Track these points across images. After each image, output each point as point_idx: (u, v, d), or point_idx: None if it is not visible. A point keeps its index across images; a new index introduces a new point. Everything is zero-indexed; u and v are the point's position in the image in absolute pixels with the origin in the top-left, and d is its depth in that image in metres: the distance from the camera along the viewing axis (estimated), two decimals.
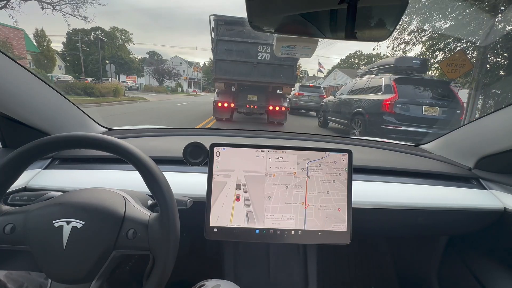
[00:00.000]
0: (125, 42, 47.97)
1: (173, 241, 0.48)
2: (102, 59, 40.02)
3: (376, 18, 0.58)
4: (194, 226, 0.70)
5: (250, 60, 6.06)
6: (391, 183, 0.86)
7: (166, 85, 40.79)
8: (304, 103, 10.46)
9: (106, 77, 25.83)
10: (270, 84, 6.49)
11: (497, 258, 0.90)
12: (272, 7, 0.55)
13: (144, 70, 47.33)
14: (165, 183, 0.50)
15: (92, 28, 44.37)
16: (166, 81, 41.64)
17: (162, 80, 41.09)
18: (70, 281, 0.47)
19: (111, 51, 43.13)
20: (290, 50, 0.70)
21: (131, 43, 49.16)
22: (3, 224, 0.46)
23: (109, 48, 43.30)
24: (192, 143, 0.67)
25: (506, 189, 0.85)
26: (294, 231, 0.64)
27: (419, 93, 4.48)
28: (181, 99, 19.79)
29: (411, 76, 4.90)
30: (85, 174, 0.79)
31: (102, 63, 38.20)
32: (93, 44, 41.47)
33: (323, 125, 7.58)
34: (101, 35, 43.58)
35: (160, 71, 40.88)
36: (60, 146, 0.49)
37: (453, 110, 4.35)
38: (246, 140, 1.12)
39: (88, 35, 43.49)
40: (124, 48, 47.22)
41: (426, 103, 4.30)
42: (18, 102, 0.72)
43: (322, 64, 34.62)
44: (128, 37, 48.28)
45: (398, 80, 4.53)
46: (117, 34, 47.12)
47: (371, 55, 59.80)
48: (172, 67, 43.93)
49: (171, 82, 42.43)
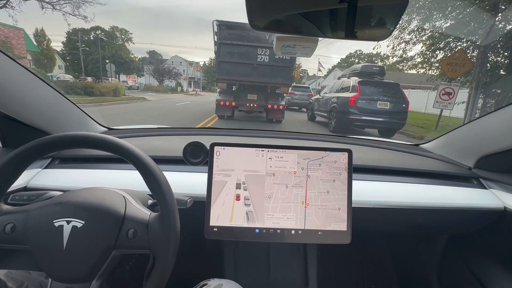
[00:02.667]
0: (125, 41, 47.62)
1: (173, 240, 0.48)
2: (102, 58, 39.41)
3: (376, 17, 0.58)
4: (194, 226, 0.70)
5: (250, 62, 6.60)
6: (391, 182, 0.86)
7: (166, 84, 39.91)
8: (296, 101, 12.38)
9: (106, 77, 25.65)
10: (269, 84, 7.03)
11: (497, 257, 0.90)
12: (272, 6, 0.55)
13: (144, 69, 46.99)
14: (165, 183, 0.50)
15: (92, 27, 44.15)
16: (166, 81, 40.90)
17: (162, 79, 40.35)
18: (70, 280, 0.47)
19: (111, 51, 42.78)
20: (290, 49, 0.70)
21: (131, 43, 48.94)
22: (4, 224, 0.46)
23: (109, 47, 42.98)
24: (192, 143, 0.67)
25: (506, 188, 0.85)
26: (294, 231, 0.64)
27: (375, 92, 6.06)
28: (181, 98, 19.69)
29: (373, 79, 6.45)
30: (85, 174, 0.79)
31: (102, 62, 37.59)
32: (93, 44, 41.10)
33: (311, 119, 8.99)
34: (101, 35, 43.20)
35: (160, 70, 40.24)
36: (60, 146, 0.49)
37: (400, 104, 5.92)
38: (246, 140, 1.12)
39: (88, 35, 43.19)
40: (124, 47, 46.81)
41: (380, 99, 5.91)
42: (18, 101, 0.72)
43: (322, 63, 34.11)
44: (128, 36, 48.01)
45: (361, 82, 6.10)
46: (117, 33, 46.71)
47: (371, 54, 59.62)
48: (172, 66, 43.64)
49: (171, 81, 41.74)
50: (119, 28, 47.56)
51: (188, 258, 1.18)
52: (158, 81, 39.79)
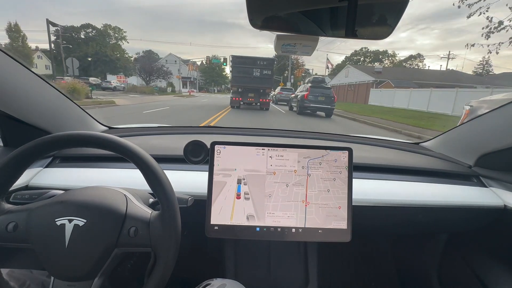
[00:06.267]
0: (119, 40, 45.10)
1: (174, 239, 0.48)
2: (84, 56, 36.74)
3: (377, 16, 0.58)
4: (195, 224, 0.71)
5: (249, 76, 12.16)
6: (391, 180, 0.86)
7: (154, 84, 34.88)
8: (283, 98, 19.20)
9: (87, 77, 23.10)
10: (260, 87, 12.41)
11: (497, 255, 0.91)
12: (272, 5, 0.55)
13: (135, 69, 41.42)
14: (167, 181, 0.50)
15: (82, 25, 41.60)
16: (155, 81, 35.71)
17: (150, 79, 34.96)
18: (72, 278, 0.48)
19: (95, 48, 39.72)
20: (290, 48, 0.70)
21: (125, 41, 46.27)
22: (6, 222, 0.46)
23: (93, 44, 39.89)
24: (192, 141, 0.67)
25: (506, 186, 0.85)
26: (294, 229, 0.65)
27: (318, 91, 10.95)
28: (163, 102, 16.30)
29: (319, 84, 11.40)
30: (86, 173, 0.79)
31: (84, 60, 34.94)
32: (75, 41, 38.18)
33: (290, 109, 14.19)
34: (92, 33, 40.78)
35: (146, 69, 34.63)
36: (62, 145, 0.49)
37: (331, 98, 10.99)
38: (246, 138, 1.12)
39: (77, 33, 40.82)
40: (118, 46, 44.33)
41: (320, 95, 10.89)
42: (19, 100, 0.73)
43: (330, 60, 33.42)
44: (121, 35, 45.48)
45: (311, 86, 11.07)
46: (110, 32, 44.32)
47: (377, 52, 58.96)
48: (161, 64, 38.32)
49: (161, 81, 36.63)
50: (112, 26, 45.05)
51: (189, 256, 1.19)
52: (145, 81, 34.96)
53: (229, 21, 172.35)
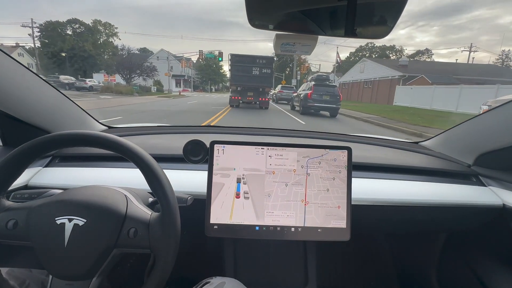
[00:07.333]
0: (110, 36, 41.37)
1: (173, 240, 0.48)
2: (59, 51, 33.23)
3: (376, 15, 0.58)
4: (195, 223, 0.71)
5: (248, 74, 11.91)
6: (390, 180, 0.86)
7: (135, 83, 28.53)
8: (284, 97, 18.54)
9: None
10: (259, 86, 12.17)
11: (495, 254, 0.91)
12: (271, 4, 0.55)
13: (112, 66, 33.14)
14: (166, 181, 0.50)
15: (68, 20, 37.41)
16: (137, 78, 29.34)
17: (131, 77, 28.44)
18: (71, 277, 0.48)
19: (72, 42, 34.76)
20: (289, 47, 0.70)
21: (117, 38, 42.53)
22: (6, 220, 0.46)
23: (71, 38, 35.25)
24: (192, 141, 0.67)
25: (505, 185, 0.85)
26: (294, 228, 0.65)
27: (322, 90, 10.25)
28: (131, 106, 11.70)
29: (323, 82, 10.77)
30: (86, 172, 0.79)
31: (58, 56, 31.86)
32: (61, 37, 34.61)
33: (292, 108, 13.37)
34: (80, 29, 37.14)
35: (126, 65, 28.15)
36: (61, 144, 0.49)
37: (337, 97, 10.29)
38: (246, 138, 1.12)
39: (63, 28, 36.96)
40: (109, 43, 40.83)
41: (324, 94, 10.21)
42: (18, 100, 0.72)
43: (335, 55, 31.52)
44: (112, 31, 41.77)
45: (314, 85, 10.43)
46: (100, 28, 40.40)
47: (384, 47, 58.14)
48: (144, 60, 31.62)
49: (145, 79, 30.16)
50: (103, 22, 41.13)
51: (189, 256, 1.19)
52: (126, 80, 28.38)
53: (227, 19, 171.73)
